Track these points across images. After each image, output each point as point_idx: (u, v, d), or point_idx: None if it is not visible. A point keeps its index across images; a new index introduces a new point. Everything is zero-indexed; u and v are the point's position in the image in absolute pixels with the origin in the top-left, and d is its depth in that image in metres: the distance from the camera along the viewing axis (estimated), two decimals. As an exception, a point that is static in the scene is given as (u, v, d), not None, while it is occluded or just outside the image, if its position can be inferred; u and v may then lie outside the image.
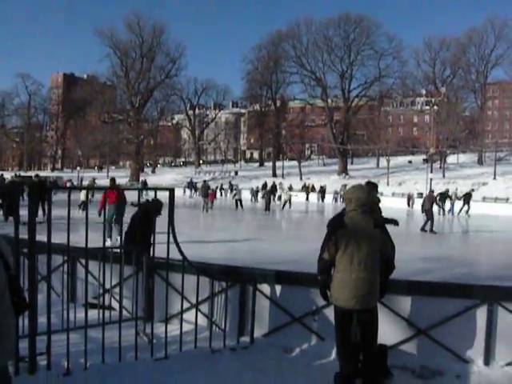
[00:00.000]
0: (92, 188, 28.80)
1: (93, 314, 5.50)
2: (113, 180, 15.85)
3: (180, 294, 5.70)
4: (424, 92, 67.25)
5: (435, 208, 22.99)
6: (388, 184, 58.53)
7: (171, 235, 5.36)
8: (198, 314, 5.93)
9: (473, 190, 33.53)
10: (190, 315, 5.93)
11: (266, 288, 6.09)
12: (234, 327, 6.09)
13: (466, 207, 32.82)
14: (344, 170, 70.54)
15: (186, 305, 5.96)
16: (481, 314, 5.51)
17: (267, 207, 31.41)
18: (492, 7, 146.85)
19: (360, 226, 4.76)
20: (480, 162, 70.76)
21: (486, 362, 5.51)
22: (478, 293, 5.62)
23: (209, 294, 6.11)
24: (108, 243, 10.35)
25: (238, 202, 31.84)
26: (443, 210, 30.63)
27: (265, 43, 77.92)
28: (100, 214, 12.77)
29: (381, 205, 6.40)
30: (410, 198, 42.44)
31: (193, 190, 51.08)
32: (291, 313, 5.95)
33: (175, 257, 5.57)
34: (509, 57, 75.30)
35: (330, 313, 5.24)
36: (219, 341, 5.84)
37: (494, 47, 77.10)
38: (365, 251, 4.67)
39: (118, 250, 6.44)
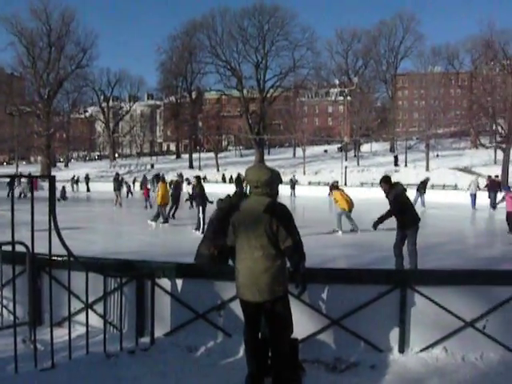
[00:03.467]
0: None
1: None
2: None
3: (72, 293, 5.08)
4: (337, 82, 68.39)
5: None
6: (304, 173, 59.26)
7: (53, 228, 4.70)
8: (93, 314, 5.33)
9: (428, 178, 31.98)
10: (83, 317, 5.30)
11: (165, 283, 5.52)
12: (132, 327, 5.51)
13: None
14: (261, 161, 70.50)
15: (78, 305, 5.36)
16: (394, 300, 5.23)
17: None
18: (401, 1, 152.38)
19: (250, 210, 4.35)
20: (392, 150, 73.10)
21: (401, 350, 5.27)
22: (391, 278, 5.34)
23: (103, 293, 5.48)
24: None
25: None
26: (422, 200, 28.26)
27: (179, 33, 76.79)
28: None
29: (298, 194, 6.03)
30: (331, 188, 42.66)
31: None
32: (194, 309, 5.43)
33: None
34: (416, 49, 78.41)
35: (236, 306, 4.81)
36: (115, 344, 5.25)
37: (402, 39, 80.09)
38: (252, 237, 4.26)
39: None
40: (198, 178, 18.96)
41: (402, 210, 9.51)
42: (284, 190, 38.46)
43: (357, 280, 5.35)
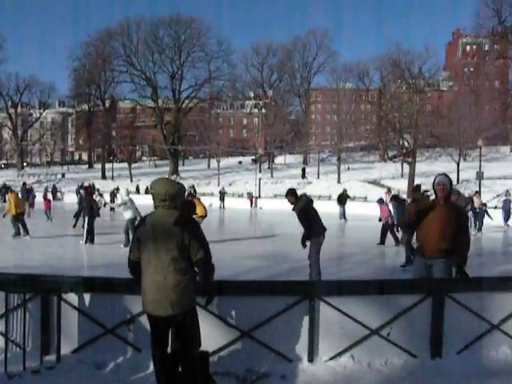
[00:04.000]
0: None
1: None
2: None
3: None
4: (252, 95, 69.35)
5: None
6: (219, 184, 59.28)
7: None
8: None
9: (345, 189, 32.48)
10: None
11: (72, 298, 5.32)
12: (36, 346, 5.27)
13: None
14: (175, 171, 70.13)
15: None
16: (303, 310, 5.34)
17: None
18: (315, 18, 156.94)
19: (159, 224, 4.31)
20: (305, 162, 74.67)
21: (310, 359, 5.38)
22: (299, 289, 5.45)
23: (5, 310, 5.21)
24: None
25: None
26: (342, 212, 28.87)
27: (93, 40, 74.84)
28: None
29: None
30: (252, 198, 42.97)
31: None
32: (103, 324, 5.29)
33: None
34: (329, 65, 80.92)
35: (146, 320, 4.72)
36: (18, 363, 5.01)
37: (316, 55, 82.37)
38: (162, 251, 4.23)
39: None
40: (86, 188, 18.45)
41: (309, 220, 9.73)
42: (214, 202, 38.27)
43: (267, 292, 5.43)
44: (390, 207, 16.35)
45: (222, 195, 41.28)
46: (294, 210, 9.89)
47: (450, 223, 5.91)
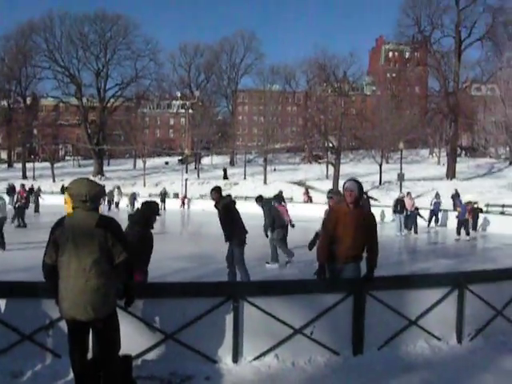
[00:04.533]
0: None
1: None
2: None
3: None
4: (179, 95, 68.83)
5: None
6: (144, 185, 58.58)
7: None
8: None
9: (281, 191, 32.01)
10: None
11: (-15, 304, 5.07)
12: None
13: None
14: (100, 172, 68.54)
15: None
16: (227, 311, 5.35)
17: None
18: (243, 20, 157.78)
19: (79, 226, 4.19)
20: (232, 163, 74.88)
21: (235, 360, 5.40)
22: (223, 290, 5.47)
23: None
24: None
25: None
26: None
27: (14, 33, 71.34)
28: None
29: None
30: (184, 199, 42.44)
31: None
32: (20, 330, 5.06)
33: None
34: (256, 67, 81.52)
35: (65, 325, 4.56)
36: None
37: (243, 57, 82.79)
38: (83, 254, 4.12)
39: None
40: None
41: (231, 221, 9.75)
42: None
43: (191, 293, 5.40)
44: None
45: (163, 196, 39.96)
46: (215, 206, 9.88)
47: (360, 229, 5.93)
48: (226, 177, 61.31)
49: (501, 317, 6.56)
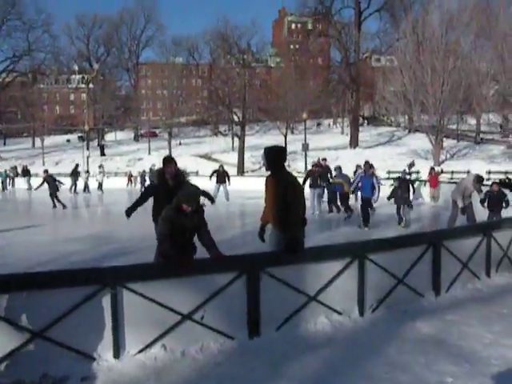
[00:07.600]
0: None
1: None
2: None
3: None
4: (77, 69, 65.76)
5: None
6: (44, 164, 55.71)
7: None
8: None
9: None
10: None
11: None
12: None
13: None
14: (-4, 152, 64.69)
15: None
16: (105, 301, 4.71)
17: None
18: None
19: None
20: (136, 138, 72.94)
21: (116, 355, 4.81)
22: (97, 276, 4.79)
23: None
24: None
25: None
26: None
27: None
28: None
29: None
30: (131, 177, 40.44)
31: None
32: None
33: None
34: (158, 39, 79.29)
35: None
36: None
37: (144, 29, 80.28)
38: None
39: None
40: None
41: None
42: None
43: (60, 282, 4.67)
44: None
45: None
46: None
47: (275, 198, 5.61)
48: (103, 153, 60.17)
49: (402, 285, 6.37)
